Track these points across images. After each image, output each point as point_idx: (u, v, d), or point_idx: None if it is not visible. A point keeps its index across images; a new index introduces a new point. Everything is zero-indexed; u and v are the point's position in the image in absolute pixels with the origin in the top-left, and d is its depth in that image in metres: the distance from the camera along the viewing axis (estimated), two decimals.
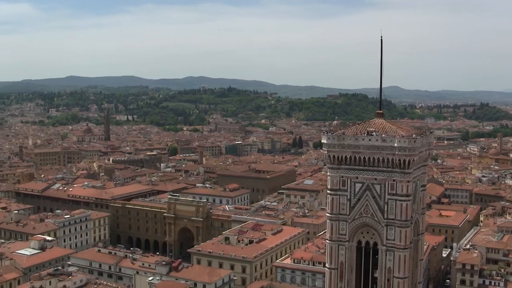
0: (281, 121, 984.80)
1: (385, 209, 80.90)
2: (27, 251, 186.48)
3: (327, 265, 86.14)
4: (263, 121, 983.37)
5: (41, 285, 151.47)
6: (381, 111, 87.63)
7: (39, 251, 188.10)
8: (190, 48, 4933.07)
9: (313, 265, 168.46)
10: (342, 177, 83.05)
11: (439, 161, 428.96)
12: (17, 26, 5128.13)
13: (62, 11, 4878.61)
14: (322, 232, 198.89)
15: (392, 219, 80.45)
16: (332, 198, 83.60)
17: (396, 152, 78.82)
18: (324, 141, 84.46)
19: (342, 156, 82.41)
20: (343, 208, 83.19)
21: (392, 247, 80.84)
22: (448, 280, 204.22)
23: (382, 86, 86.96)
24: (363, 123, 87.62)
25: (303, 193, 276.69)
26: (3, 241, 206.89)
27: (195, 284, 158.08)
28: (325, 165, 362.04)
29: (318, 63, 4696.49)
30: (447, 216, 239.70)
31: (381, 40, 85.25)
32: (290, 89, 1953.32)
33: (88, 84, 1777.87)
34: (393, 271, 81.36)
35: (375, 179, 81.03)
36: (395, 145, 78.86)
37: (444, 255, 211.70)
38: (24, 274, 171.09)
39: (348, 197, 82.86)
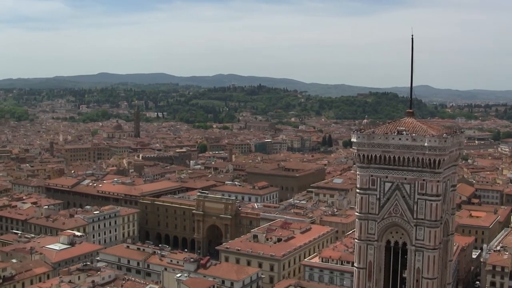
0: (310, 119, 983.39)
1: (415, 209, 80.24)
2: (57, 246, 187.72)
3: (355, 264, 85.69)
4: (292, 119, 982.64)
5: (70, 280, 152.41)
6: (411, 110, 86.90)
7: (69, 246, 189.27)
8: (220, 45, 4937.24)
9: (342, 264, 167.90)
10: (372, 176, 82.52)
11: (469, 161, 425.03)
12: (50, 23, 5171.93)
13: (94, 8, 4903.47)
14: (350, 231, 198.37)
15: (422, 219, 79.77)
16: (361, 197, 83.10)
17: (426, 152, 78.12)
18: (354, 139, 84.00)
19: (371, 155, 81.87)
20: (372, 208, 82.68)
21: (421, 247, 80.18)
22: (478, 282, 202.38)
23: (413, 85, 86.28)
24: (393, 122, 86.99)
25: (332, 191, 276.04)
26: (33, 235, 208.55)
27: (223, 282, 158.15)
28: (354, 164, 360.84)
29: (348, 61, 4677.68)
30: (477, 217, 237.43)
31: (412, 38, 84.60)
32: (320, 87, 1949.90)
33: (119, 81, 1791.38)
34: (422, 271, 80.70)
35: (405, 178, 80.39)
36: (426, 144, 78.16)
37: (474, 257, 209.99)
38: (54, 269, 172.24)
39: (378, 196, 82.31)
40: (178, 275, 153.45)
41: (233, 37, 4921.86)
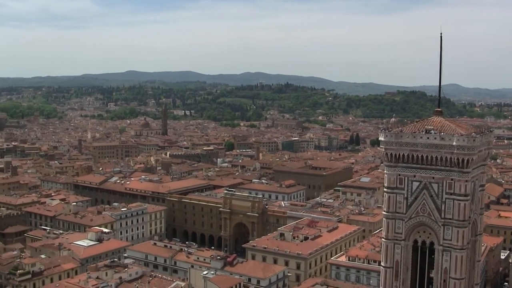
0: (338, 117, 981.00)
1: (443, 208, 79.80)
2: (85, 242, 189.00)
3: (382, 263, 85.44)
4: (320, 117, 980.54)
5: (97, 276, 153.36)
6: (440, 109, 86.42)
7: (96, 242, 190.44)
8: (248, 44, 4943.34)
9: (368, 263, 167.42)
10: (399, 175, 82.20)
11: (498, 160, 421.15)
12: (78, 22, 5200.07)
13: (122, 7, 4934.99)
14: (378, 230, 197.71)
15: (450, 218, 79.32)
16: (389, 196, 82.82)
17: (455, 151, 77.67)
18: (381, 138, 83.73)
19: (399, 154, 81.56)
20: (399, 207, 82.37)
21: (449, 247, 79.73)
22: (506, 283, 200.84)
23: (441, 84, 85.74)
24: (421, 121, 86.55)
25: (359, 190, 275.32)
26: (61, 232, 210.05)
27: (249, 280, 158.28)
28: (382, 162, 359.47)
29: (376, 60, 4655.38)
30: (506, 217, 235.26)
31: (441, 37, 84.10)
32: (348, 85, 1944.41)
33: (147, 79, 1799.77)
34: (449, 271, 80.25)
35: (433, 177, 79.98)
36: (454, 143, 77.72)
37: (503, 257, 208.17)
38: (81, 265, 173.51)
39: (405, 195, 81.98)
40: (205, 272, 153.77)
41: (260, 35, 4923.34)
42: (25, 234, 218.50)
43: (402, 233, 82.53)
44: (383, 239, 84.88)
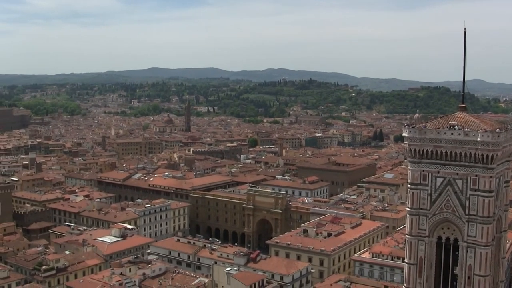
0: (361, 113, 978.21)
1: (467, 204, 79.29)
2: (108, 239, 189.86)
3: (406, 260, 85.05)
4: (343, 113, 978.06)
5: (121, 272, 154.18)
6: (464, 105, 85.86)
7: (120, 239, 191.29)
8: (270, 40, 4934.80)
9: (392, 259, 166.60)
10: (423, 171, 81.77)
11: None
12: (101, 19, 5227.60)
13: (145, 4, 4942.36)
14: (401, 227, 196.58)
15: (474, 215, 78.80)
16: (413, 193, 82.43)
17: (479, 147, 77.08)
18: (405, 134, 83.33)
19: (423, 150, 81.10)
20: (423, 203, 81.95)
21: (473, 243, 79.21)
22: None
23: (465, 79, 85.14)
24: (445, 117, 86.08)
25: (383, 186, 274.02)
26: (85, 228, 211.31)
27: (273, 276, 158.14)
28: (405, 158, 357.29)
29: (400, 55, 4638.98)
30: None
31: (465, 32, 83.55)
32: (371, 81, 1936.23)
33: (170, 75, 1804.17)
34: (473, 268, 79.74)
35: (457, 174, 79.45)
36: (478, 139, 77.13)
37: None
38: (105, 261, 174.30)
39: (429, 191, 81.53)
40: (228, 268, 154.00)
41: (283, 32, 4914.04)
42: (50, 230, 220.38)
43: (426, 230, 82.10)
44: (407, 236, 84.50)
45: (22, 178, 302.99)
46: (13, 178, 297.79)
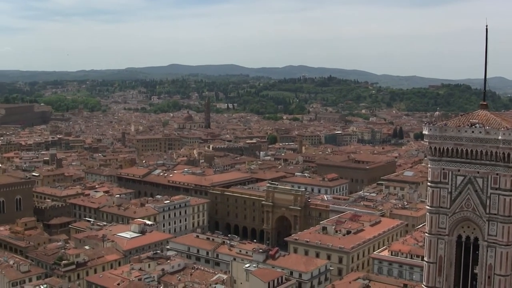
0: (381, 111, 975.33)
1: (487, 203, 78.70)
2: (128, 234, 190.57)
3: (425, 258, 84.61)
4: (363, 111, 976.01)
5: (140, 268, 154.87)
6: (485, 103, 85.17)
7: (139, 234, 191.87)
8: (290, 37, 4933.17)
9: (411, 258, 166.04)
10: (443, 169, 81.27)
11: None
12: (121, 16, 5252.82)
13: (165, 0, 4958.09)
14: (421, 225, 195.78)
15: (495, 214, 78.20)
16: (433, 191, 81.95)
17: (500, 145, 76.51)
18: (425, 132, 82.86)
19: (443, 148, 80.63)
20: (443, 201, 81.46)
21: (494, 243, 78.63)
22: None
23: (487, 77, 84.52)
24: (466, 115, 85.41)
25: (402, 184, 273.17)
26: (105, 223, 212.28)
27: (291, 273, 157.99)
28: (425, 156, 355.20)
29: (420, 53, 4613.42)
30: None
31: (486, 29, 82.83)
32: (391, 79, 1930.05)
33: (190, 72, 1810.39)
34: (494, 268, 79.15)
35: (478, 172, 78.91)
36: (499, 137, 76.54)
37: None
38: (125, 256, 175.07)
39: (449, 190, 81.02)
40: (247, 265, 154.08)
41: (303, 28, 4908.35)
42: (70, 226, 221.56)
43: (445, 228, 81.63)
44: (426, 234, 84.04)
45: (43, 173, 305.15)
46: (34, 174, 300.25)
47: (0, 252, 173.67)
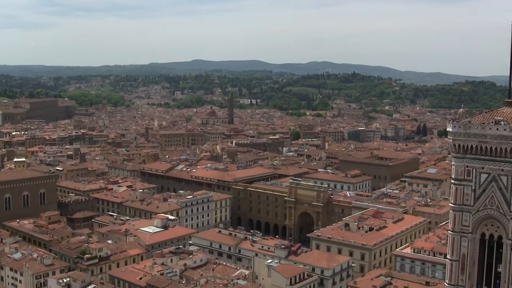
0: (405, 107, 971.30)
1: None
2: (151, 229, 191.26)
3: (448, 256, 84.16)
4: (386, 107, 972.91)
5: (162, 262, 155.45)
6: (510, 100, 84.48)
7: (162, 229, 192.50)
8: (314, 33, 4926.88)
9: (434, 255, 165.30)
10: (467, 166, 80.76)
11: None
12: (145, 11, 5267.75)
13: None
14: (444, 223, 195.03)
15: None
16: (456, 188, 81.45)
17: None
18: (449, 129, 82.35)
19: (467, 145, 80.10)
20: (467, 199, 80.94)
21: None
22: None
23: None
24: (491, 112, 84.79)
25: (426, 181, 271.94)
26: (128, 218, 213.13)
27: (313, 269, 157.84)
28: (449, 154, 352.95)
29: (445, 49, 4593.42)
30: None
31: None
32: (415, 75, 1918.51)
33: (213, 68, 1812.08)
34: None
35: (502, 170, 78.31)
36: None
37: None
38: (147, 251, 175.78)
39: (473, 187, 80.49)
40: (269, 261, 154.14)
41: (327, 24, 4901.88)
42: (93, 220, 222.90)
43: (469, 226, 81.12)
44: (449, 232, 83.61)
45: (67, 168, 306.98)
46: (58, 168, 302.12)
47: (24, 246, 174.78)
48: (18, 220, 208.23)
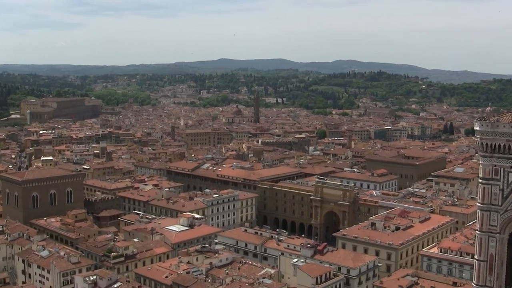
0: (432, 106, 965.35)
1: None
2: (176, 228, 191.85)
3: (476, 256, 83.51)
4: (413, 106, 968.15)
5: (188, 261, 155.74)
6: None
7: (188, 228, 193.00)
8: (340, 31, 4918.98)
9: (461, 255, 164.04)
10: (495, 166, 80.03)
11: None
12: (172, 10, 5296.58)
13: None
14: (471, 222, 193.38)
15: None
16: (484, 188, 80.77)
17: None
18: (476, 128, 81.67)
19: (495, 144, 79.37)
20: (495, 198, 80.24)
21: None
22: None
23: None
24: None
25: (453, 181, 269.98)
26: (154, 216, 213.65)
27: (339, 269, 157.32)
28: (477, 153, 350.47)
29: (472, 47, 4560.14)
30: None
31: None
32: (442, 73, 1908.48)
33: (239, 66, 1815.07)
34: None
35: None
36: None
37: None
38: (173, 249, 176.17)
39: (501, 187, 79.76)
40: (295, 260, 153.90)
41: (353, 23, 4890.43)
42: (119, 218, 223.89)
43: (497, 226, 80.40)
44: (477, 232, 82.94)
45: (93, 166, 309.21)
46: (84, 167, 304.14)
47: (51, 243, 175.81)
48: (45, 218, 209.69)
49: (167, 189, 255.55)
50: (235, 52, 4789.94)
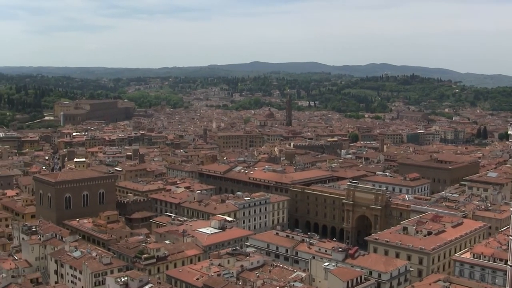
0: (465, 110, 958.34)
1: None
2: (208, 230, 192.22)
3: (509, 262, 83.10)
4: (446, 110, 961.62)
5: (219, 263, 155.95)
6: None
7: (219, 230, 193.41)
8: (373, 34, 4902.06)
9: (494, 261, 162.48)
10: None
11: None
12: (204, 13, 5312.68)
13: None
14: (505, 228, 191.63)
15: None
16: None
17: None
18: (510, 132, 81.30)
19: None
20: None
21: None
22: None
23: None
24: None
25: (486, 185, 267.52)
26: (185, 219, 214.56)
27: (371, 273, 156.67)
28: (510, 157, 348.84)
29: (506, 50, 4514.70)
30: None
31: None
32: (475, 77, 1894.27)
33: (271, 69, 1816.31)
34: None
35: None
36: None
37: None
38: (204, 252, 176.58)
39: None
40: (326, 263, 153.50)
41: (386, 26, 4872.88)
42: (151, 220, 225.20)
43: None
44: (510, 237, 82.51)
45: (126, 168, 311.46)
46: (117, 168, 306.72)
47: (83, 244, 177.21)
48: (78, 219, 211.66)
49: (199, 191, 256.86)
50: (268, 55, 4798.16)
